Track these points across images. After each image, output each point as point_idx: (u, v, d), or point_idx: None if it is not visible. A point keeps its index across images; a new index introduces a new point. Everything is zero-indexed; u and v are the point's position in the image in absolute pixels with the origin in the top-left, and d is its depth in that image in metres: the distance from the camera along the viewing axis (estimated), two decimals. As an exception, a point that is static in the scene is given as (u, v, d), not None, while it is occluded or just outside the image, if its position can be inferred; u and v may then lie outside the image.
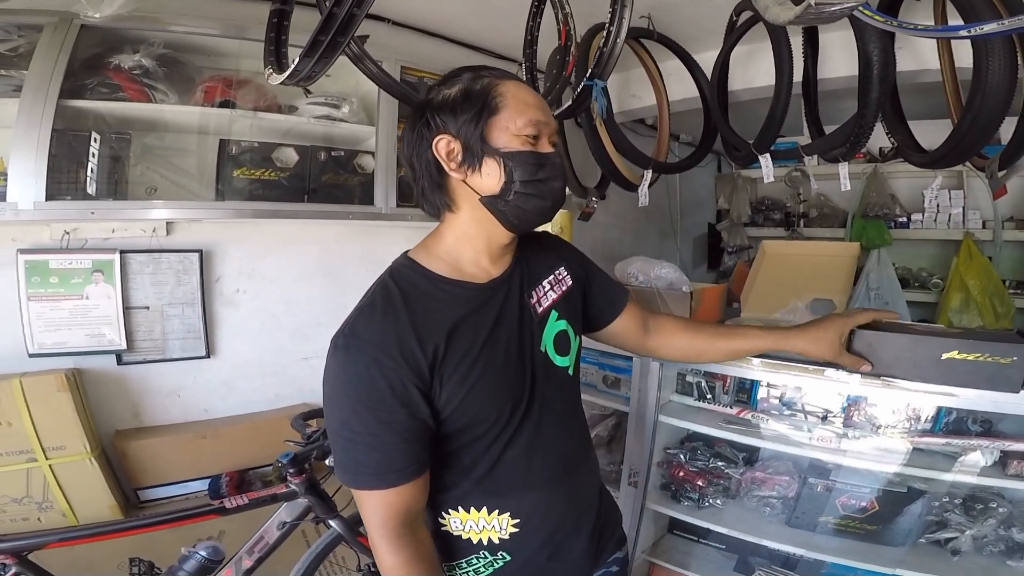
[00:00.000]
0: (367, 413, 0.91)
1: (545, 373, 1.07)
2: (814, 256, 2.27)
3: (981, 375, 1.18)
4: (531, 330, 1.07)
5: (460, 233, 1.05)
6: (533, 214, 1.01)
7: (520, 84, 1.01)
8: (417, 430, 0.94)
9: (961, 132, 1.83)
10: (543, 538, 1.07)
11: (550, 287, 1.14)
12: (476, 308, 1.01)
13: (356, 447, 0.93)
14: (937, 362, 1.20)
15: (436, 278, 1.02)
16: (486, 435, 1.00)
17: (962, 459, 1.64)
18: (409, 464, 0.94)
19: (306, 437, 1.76)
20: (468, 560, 1.06)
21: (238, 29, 2.22)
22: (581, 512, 1.14)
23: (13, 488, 2.09)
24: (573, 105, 2.30)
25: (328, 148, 2.48)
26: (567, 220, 2.25)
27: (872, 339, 1.24)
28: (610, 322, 1.31)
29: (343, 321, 0.98)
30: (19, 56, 1.97)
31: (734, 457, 2.10)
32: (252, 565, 1.72)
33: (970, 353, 1.17)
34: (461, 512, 1.04)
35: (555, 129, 1.02)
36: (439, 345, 0.94)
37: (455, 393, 0.95)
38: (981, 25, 1.20)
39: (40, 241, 2.18)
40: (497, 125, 0.97)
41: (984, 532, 1.69)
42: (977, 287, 3.62)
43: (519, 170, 0.97)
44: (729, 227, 4.99)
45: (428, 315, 0.96)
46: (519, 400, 1.02)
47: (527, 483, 1.05)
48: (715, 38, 2.65)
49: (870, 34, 1.86)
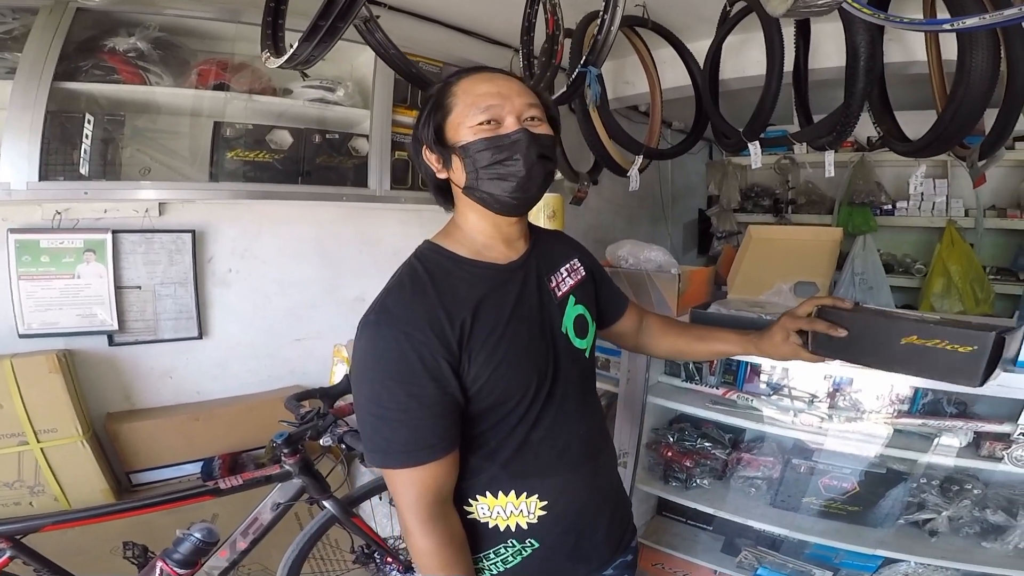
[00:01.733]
0: (397, 387, 0.93)
1: (567, 354, 1.10)
2: (798, 240, 2.31)
3: (938, 362, 1.08)
4: (551, 312, 1.10)
5: (469, 222, 1.09)
6: (506, 196, 1.02)
7: (477, 76, 1.04)
8: (447, 405, 0.95)
9: (944, 122, 1.87)
10: (569, 522, 1.09)
11: (567, 274, 1.18)
12: (499, 286, 1.05)
13: (386, 424, 0.94)
14: (896, 347, 1.12)
15: (459, 259, 1.05)
16: (513, 413, 1.02)
17: (938, 440, 1.69)
18: (440, 440, 0.95)
19: (300, 417, 1.76)
20: (496, 550, 1.07)
21: (233, 12, 2.20)
22: (603, 496, 1.17)
23: (5, 472, 2.07)
24: (568, 92, 2.31)
25: (322, 131, 2.47)
26: (559, 204, 2.26)
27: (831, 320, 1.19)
28: (612, 324, 1.38)
29: (372, 301, 1.01)
30: (13, 39, 1.94)
31: (720, 438, 2.15)
32: (247, 547, 1.73)
33: (929, 339, 1.08)
34: (489, 497, 1.05)
35: (526, 104, 1.02)
36: (466, 320, 0.96)
37: (483, 368, 0.96)
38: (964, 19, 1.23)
39: (31, 221, 2.16)
40: (452, 124, 1.02)
41: (960, 513, 1.74)
42: (959, 273, 3.70)
43: (474, 159, 1.00)
44: (719, 213, 5.04)
45: (455, 292, 0.99)
46: (544, 377, 1.04)
47: (554, 465, 1.07)
48: (708, 27, 2.66)
49: (857, 26, 1.89)
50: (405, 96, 2.64)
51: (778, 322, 1.25)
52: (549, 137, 1.04)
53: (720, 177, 5.01)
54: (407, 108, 2.63)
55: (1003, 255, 3.97)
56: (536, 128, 1.02)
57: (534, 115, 1.03)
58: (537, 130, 1.02)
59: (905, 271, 4.16)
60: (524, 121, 1.01)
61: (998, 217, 3.85)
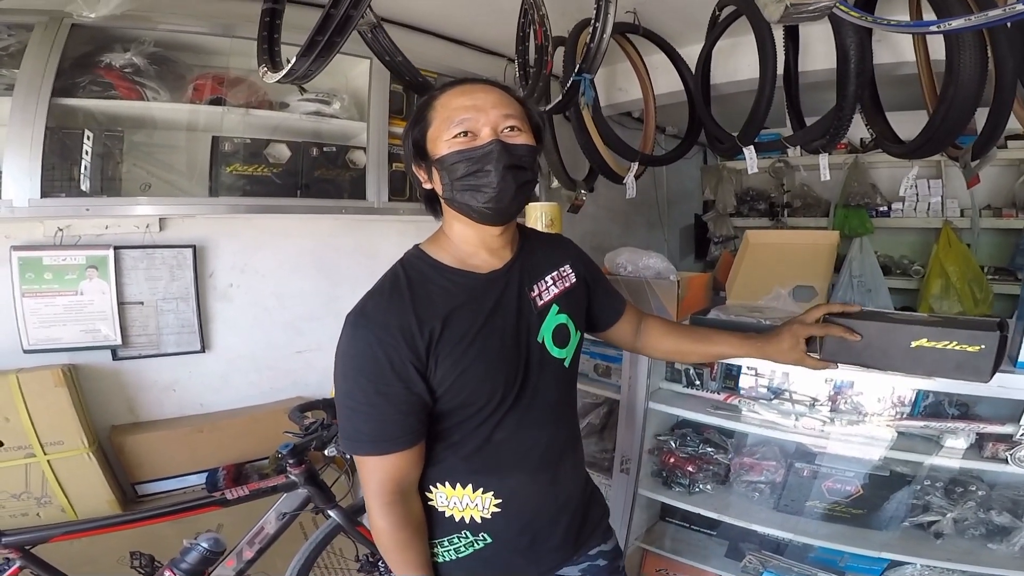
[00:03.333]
0: (368, 385, 1.00)
1: (540, 363, 1.13)
2: (796, 244, 2.31)
3: (950, 363, 1.15)
4: (528, 321, 1.12)
5: (455, 231, 1.13)
6: (481, 206, 1.04)
7: (455, 90, 1.07)
8: (413, 403, 1.02)
9: (935, 123, 1.89)
10: (523, 523, 1.14)
11: (553, 282, 1.20)
12: (476, 296, 1.08)
13: (357, 415, 1.02)
14: (906, 350, 1.18)
15: (441, 267, 1.09)
16: (477, 415, 1.07)
17: (940, 442, 1.69)
18: (404, 434, 1.02)
19: (304, 428, 1.77)
20: (450, 539, 1.13)
21: (227, 27, 2.22)
22: (561, 505, 1.19)
23: (12, 484, 2.09)
24: (563, 100, 2.33)
25: (320, 144, 2.48)
26: (557, 213, 2.28)
27: None
28: (609, 326, 1.39)
29: (358, 302, 1.07)
30: (10, 55, 1.96)
31: (723, 443, 2.15)
32: (253, 556, 1.75)
33: (939, 341, 1.15)
34: (447, 487, 1.11)
35: (502, 115, 1.04)
36: (435, 328, 1.01)
37: (449, 373, 1.02)
38: (949, 21, 1.26)
39: (33, 238, 2.18)
40: (431, 137, 1.06)
41: (965, 515, 1.74)
42: (956, 273, 3.69)
43: (449, 171, 1.04)
44: (715, 218, 5.05)
45: (429, 300, 1.05)
46: (511, 384, 1.08)
47: (512, 465, 1.11)
48: (698, 32, 2.69)
49: (847, 29, 1.91)
50: (401, 107, 2.65)
51: (788, 328, 1.28)
52: (526, 147, 1.06)
53: (715, 182, 5.03)
54: (403, 119, 2.63)
55: (1000, 255, 3.96)
56: (513, 139, 1.05)
57: (512, 125, 1.05)
58: (514, 140, 1.04)
59: (903, 273, 4.15)
60: (502, 132, 1.04)
61: (994, 217, 3.85)
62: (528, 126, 1.09)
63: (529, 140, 1.07)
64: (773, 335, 1.30)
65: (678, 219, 5.44)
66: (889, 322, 1.23)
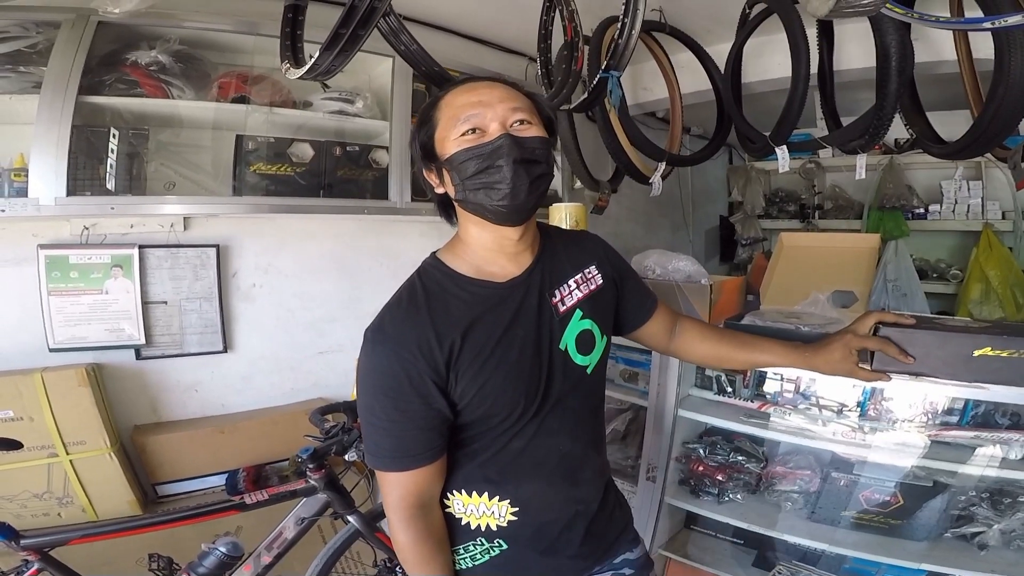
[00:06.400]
0: (387, 401, 0.99)
1: (563, 371, 1.09)
2: (834, 247, 2.24)
3: (1016, 371, 1.13)
4: (550, 329, 1.09)
5: (471, 235, 1.09)
6: (495, 204, 1.00)
7: (459, 89, 1.04)
8: (432, 419, 1.00)
9: (983, 123, 1.83)
10: (539, 530, 1.11)
11: (576, 286, 1.15)
12: (494, 306, 1.05)
13: (377, 431, 1.02)
14: (968, 359, 1.15)
15: (458, 277, 1.07)
16: (498, 426, 1.05)
17: (990, 452, 1.62)
18: (424, 451, 1.01)
19: (325, 432, 1.75)
20: (465, 546, 1.11)
21: (251, 25, 2.22)
22: (578, 513, 1.15)
23: (34, 483, 2.10)
24: (589, 98, 2.28)
25: (343, 143, 2.48)
26: (582, 213, 2.23)
27: (897, 338, 1.19)
28: (640, 326, 1.33)
29: (376, 315, 1.05)
30: (37, 53, 1.97)
31: (754, 451, 2.08)
32: (271, 561, 1.73)
33: (1003, 350, 1.12)
34: (463, 495, 1.09)
35: (510, 108, 1.00)
36: (455, 341, 0.99)
37: (469, 387, 1.00)
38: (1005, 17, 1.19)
39: (60, 237, 2.19)
40: (439, 138, 1.03)
41: (1012, 526, 1.67)
42: (998, 278, 3.59)
43: (459, 171, 1.01)
44: (743, 219, 4.97)
45: (447, 313, 1.02)
46: (533, 395, 1.05)
47: (528, 473, 1.09)
48: (726, 30, 2.65)
49: (888, 26, 1.85)
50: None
51: (839, 338, 1.22)
52: (538, 139, 1.02)
53: (743, 183, 4.95)
54: (426, 119, 2.61)
55: (1044, 258, 3.83)
56: (523, 132, 1.01)
57: (521, 118, 1.01)
58: (524, 134, 1.00)
59: (940, 277, 4.05)
60: (511, 126, 1.00)
61: (1037, 219, 3.72)
62: (539, 119, 1.05)
63: (540, 133, 1.03)
64: (822, 346, 1.24)
65: (703, 221, 5.37)
66: (949, 331, 1.19)
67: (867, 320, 1.22)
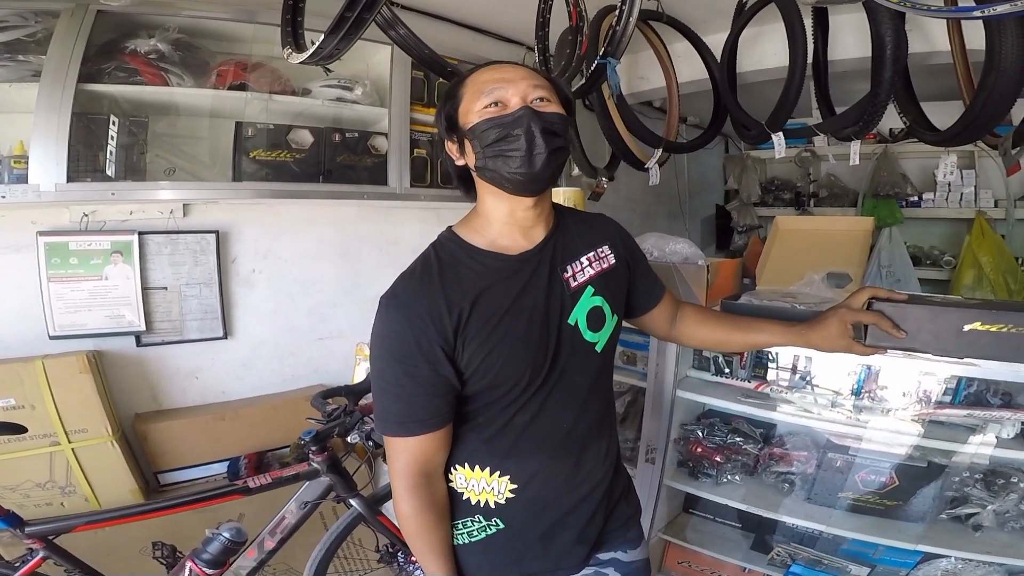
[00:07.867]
0: (397, 366, 1.01)
1: (571, 346, 1.10)
2: (828, 230, 2.26)
3: (1005, 346, 1.13)
4: (561, 302, 1.10)
5: (487, 206, 1.11)
6: (512, 172, 1.03)
7: (485, 68, 1.09)
8: (440, 386, 1.02)
9: (975, 111, 1.85)
10: (538, 511, 1.11)
11: (588, 263, 1.16)
12: (505, 277, 1.07)
13: (386, 395, 1.04)
14: (959, 333, 1.15)
15: (472, 249, 1.09)
16: (504, 398, 1.06)
17: (982, 432, 1.64)
18: (431, 416, 1.03)
19: (327, 415, 1.75)
20: (464, 522, 1.12)
21: (249, 13, 2.23)
22: (582, 495, 1.15)
23: (37, 472, 2.10)
24: (586, 84, 2.29)
25: (342, 130, 2.48)
26: (580, 199, 2.25)
27: (891, 313, 1.20)
28: (647, 311, 1.35)
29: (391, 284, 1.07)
30: (36, 42, 1.97)
31: (752, 433, 2.10)
32: (275, 546, 1.73)
33: (993, 324, 1.12)
34: (466, 469, 1.11)
35: (532, 85, 1.04)
36: (464, 309, 1.02)
37: (475, 355, 1.02)
38: (994, 6, 1.21)
39: (59, 223, 2.20)
40: (463, 111, 1.07)
41: (1006, 507, 1.69)
42: (990, 264, 3.63)
43: (480, 139, 1.04)
44: (739, 207, 5.00)
45: (459, 282, 1.04)
46: (539, 368, 1.06)
47: (531, 450, 1.09)
48: (722, 19, 2.66)
49: (883, 15, 1.86)
50: (422, 94, 2.64)
51: (834, 313, 1.23)
52: (556, 114, 1.05)
53: (739, 171, 4.97)
54: (424, 106, 2.63)
55: (1035, 245, 3.86)
56: (543, 107, 1.04)
57: (541, 95, 1.05)
58: (544, 109, 1.04)
59: (933, 263, 4.09)
60: (532, 102, 1.03)
61: (1029, 207, 3.75)
62: (557, 99, 1.08)
63: (559, 110, 1.06)
64: (818, 322, 1.25)
65: (699, 209, 5.39)
66: (940, 306, 1.20)
67: (861, 295, 1.23)
